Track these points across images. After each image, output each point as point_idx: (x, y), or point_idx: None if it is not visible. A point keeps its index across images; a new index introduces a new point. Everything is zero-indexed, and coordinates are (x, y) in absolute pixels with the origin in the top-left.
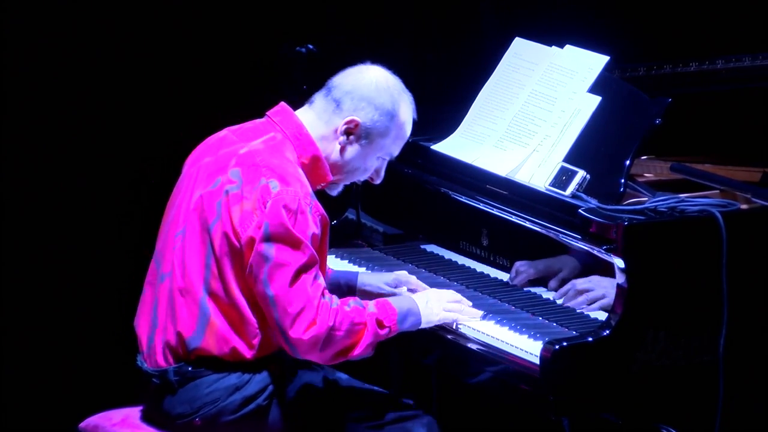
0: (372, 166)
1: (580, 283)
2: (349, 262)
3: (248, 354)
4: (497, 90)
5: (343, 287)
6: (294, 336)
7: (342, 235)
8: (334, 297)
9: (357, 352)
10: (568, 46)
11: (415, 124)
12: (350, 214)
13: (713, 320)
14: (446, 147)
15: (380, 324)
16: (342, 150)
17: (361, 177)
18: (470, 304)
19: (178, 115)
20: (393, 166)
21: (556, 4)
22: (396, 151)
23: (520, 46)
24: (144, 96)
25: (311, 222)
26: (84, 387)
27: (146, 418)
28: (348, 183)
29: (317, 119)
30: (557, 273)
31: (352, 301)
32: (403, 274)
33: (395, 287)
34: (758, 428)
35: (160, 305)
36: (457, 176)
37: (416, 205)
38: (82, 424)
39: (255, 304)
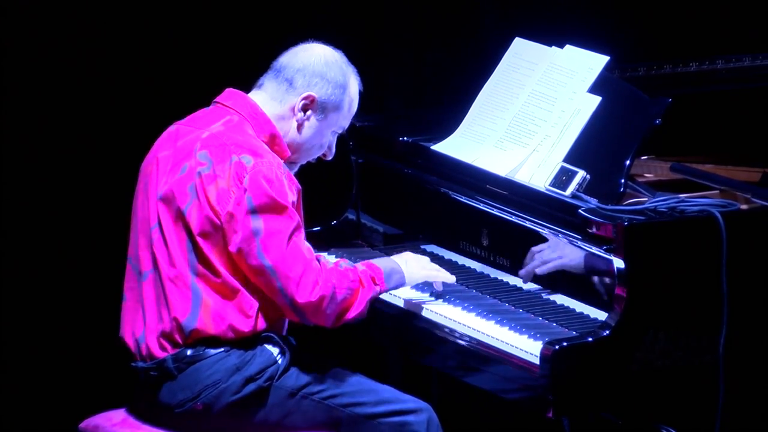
0: (326, 142)
1: (542, 255)
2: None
3: (246, 327)
4: (497, 90)
5: None
6: (301, 300)
7: (342, 235)
8: (328, 259)
9: (356, 311)
10: (568, 46)
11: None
12: (350, 214)
13: (713, 320)
14: (446, 147)
15: (373, 281)
16: (299, 127)
17: (316, 154)
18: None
19: (177, 115)
20: (393, 166)
21: (556, 4)
22: (346, 124)
23: (520, 46)
24: (142, 96)
25: (288, 190)
26: (84, 387)
27: (143, 415)
28: (304, 162)
29: (270, 100)
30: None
31: (343, 263)
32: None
33: None
34: (758, 428)
35: (147, 302)
36: (457, 176)
37: (416, 205)
38: (82, 424)
39: (244, 278)
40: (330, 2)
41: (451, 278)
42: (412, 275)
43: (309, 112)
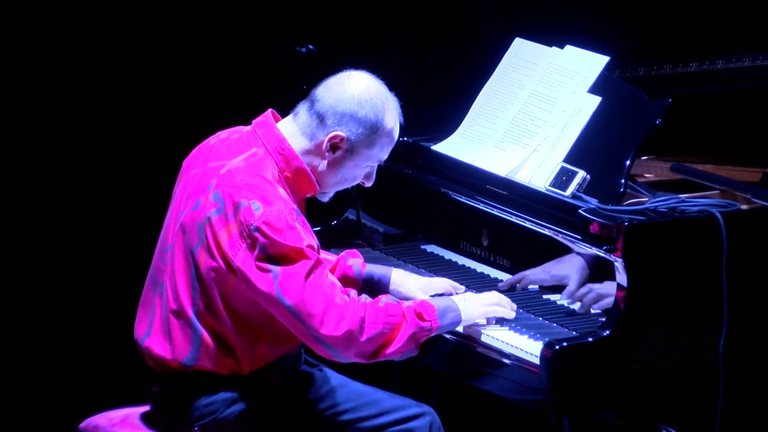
0: (362, 173)
1: (595, 286)
2: None
3: (246, 367)
4: (497, 90)
5: (377, 283)
6: (327, 336)
7: (342, 235)
8: (363, 295)
9: (396, 346)
10: (568, 47)
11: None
12: (350, 214)
13: (713, 320)
14: (446, 147)
15: (420, 316)
16: (329, 164)
17: (350, 185)
18: (508, 300)
19: (179, 115)
20: (393, 166)
21: (556, 4)
22: (385, 157)
23: (520, 46)
24: (145, 95)
25: (304, 234)
26: (84, 387)
27: (149, 416)
28: (339, 190)
29: (301, 134)
30: (564, 282)
31: (385, 298)
32: (439, 281)
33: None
34: (758, 428)
35: (156, 315)
36: (457, 176)
37: (416, 205)
38: (82, 424)
39: (247, 321)
40: (330, 2)
41: (510, 314)
42: (470, 313)
43: (338, 151)
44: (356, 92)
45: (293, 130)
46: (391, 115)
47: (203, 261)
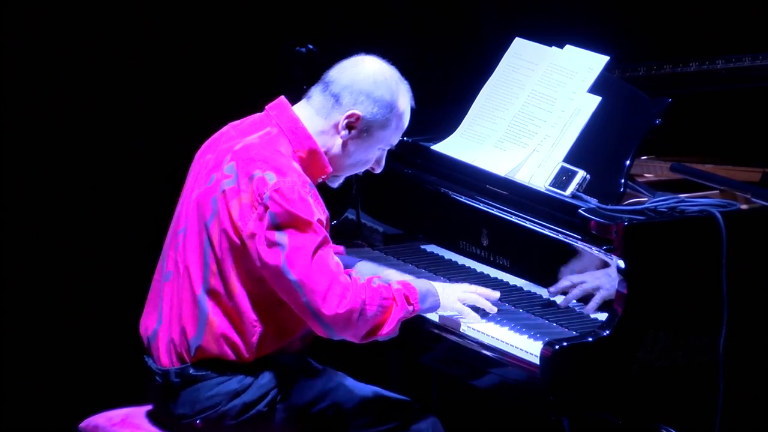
0: (373, 157)
1: (574, 278)
2: None
3: (248, 352)
4: (497, 90)
5: None
6: (328, 313)
7: (342, 235)
8: (359, 276)
9: (388, 328)
10: (568, 46)
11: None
12: (350, 214)
13: (713, 320)
14: (446, 147)
15: (407, 300)
16: (343, 144)
17: (362, 168)
18: (487, 292)
19: (179, 115)
20: (393, 166)
21: (556, 4)
22: (395, 141)
23: (520, 46)
24: (146, 95)
25: (315, 208)
26: (84, 387)
27: (149, 415)
28: (350, 174)
29: (316, 115)
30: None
31: (377, 279)
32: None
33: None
34: (758, 428)
35: (165, 303)
36: (457, 176)
37: (416, 205)
38: (82, 424)
39: (256, 300)
40: (330, 2)
41: (486, 303)
42: (448, 299)
43: (354, 131)
44: (371, 72)
45: (308, 112)
46: (404, 97)
47: (215, 233)
